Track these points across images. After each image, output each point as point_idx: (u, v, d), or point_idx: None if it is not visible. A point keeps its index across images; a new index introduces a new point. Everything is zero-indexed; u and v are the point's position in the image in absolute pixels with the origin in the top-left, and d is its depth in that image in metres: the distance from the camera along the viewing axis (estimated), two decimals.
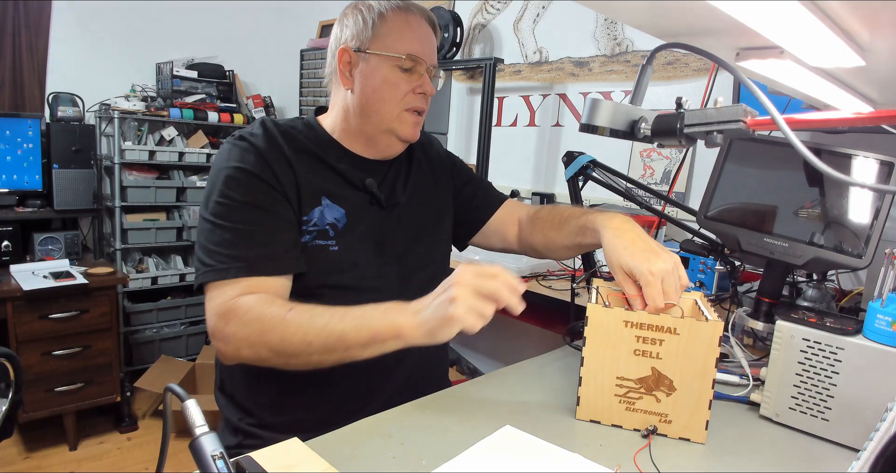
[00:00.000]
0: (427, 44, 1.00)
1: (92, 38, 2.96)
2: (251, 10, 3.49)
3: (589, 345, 0.82)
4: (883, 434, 0.59)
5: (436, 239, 1.13)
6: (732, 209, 1.08)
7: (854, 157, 0.97)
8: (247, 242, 0.88)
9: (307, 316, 0.81)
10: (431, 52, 1.01)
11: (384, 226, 1.03)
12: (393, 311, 0.79)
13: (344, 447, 0.74)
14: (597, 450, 0.77)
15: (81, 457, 2.34)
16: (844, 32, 0.62)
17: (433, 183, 1.15)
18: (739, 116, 0.64)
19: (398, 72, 0.97)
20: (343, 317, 0.79)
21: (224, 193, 0.91)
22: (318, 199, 0.97)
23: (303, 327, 0.80)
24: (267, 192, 0.92)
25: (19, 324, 2.15)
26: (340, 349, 0.79)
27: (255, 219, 0.90)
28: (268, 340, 0.81)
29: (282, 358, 0.83)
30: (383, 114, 0.99)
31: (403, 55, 0.96)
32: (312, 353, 0.81)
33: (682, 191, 1.99)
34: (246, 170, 0.92)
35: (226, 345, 0.85)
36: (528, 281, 1.75)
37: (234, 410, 1.00)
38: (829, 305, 1.21)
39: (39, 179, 2.58)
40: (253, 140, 0.95)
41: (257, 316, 0.82)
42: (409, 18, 0.99)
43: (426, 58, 0.99)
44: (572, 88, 2.31)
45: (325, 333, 0.79)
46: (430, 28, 1.02)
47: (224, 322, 0.84)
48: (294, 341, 0.80)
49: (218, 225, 0.89)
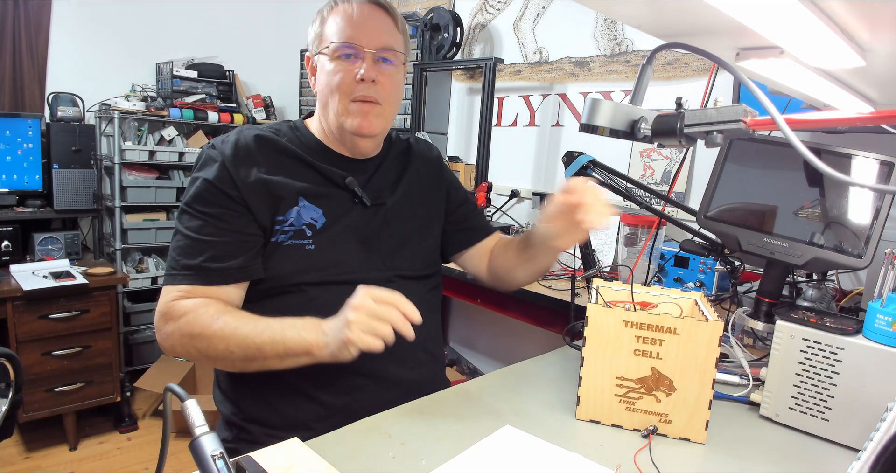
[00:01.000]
0: (364, 28, 0.97)
1: (92, 38, 2.96)
2: (251, 10, 3.49)
3: (589, 345, 0.82)
4: (883, 434, 0.59)
5: (423, 245, 1.12)
6: (732, 209, 1.08)
7: (854, 157, 0.97)
8: (196, 252, 0.93)
9: (232, 328, 0.86)
10: (371, 36, 0.97)
11: (369, 225, 1.04)
12: (306, 330, 0.84)
13: (344, 447, 0.74)
14: (597, 450, 0.77)
15: (81, 457, 2.34)
16: (844, 32, 0.62)
17: (426, 191, 1.16)
18: (739, 116, 0.64)
19: (337, 62, 0.97)
20: (262, 331, 0.85)
21: (188, 202, 0.96)
22: (295, 200, 0.98)
23: (226, 337, 0.86)
24: (225, 204, 0.95)
25: (19, 324, 2.15)
26: (259, 359, 0.86)
27: (210, 230, 0.94)
28: (196, 344, 0.88)
29: (209, 361, 0.90)
30: (332, 109, 0.99)
31: (333, 43, 0.96)
32: (235, 361, 0.87)
33: (682, 191, 1.99)
34: (208, 181, 0.95)
35: (163, 342, 0.92)
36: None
37: (228, 405, 1.03)
38: (829, 305, 1.21)
39: (39, 179, 2.58)
40: (221, 148, 0.98)
41: (189, 320, 0.88)
42: (344, 7, 0.98)
43: (361, 42, 0.96)
44: (572, 88, 2.31)
45: (245, 345, 0.85)
46: (372, 11, 0.98)
47: (163, 321, 0.91)
48: (218, 349, 0.87)
49: (178, 230, 0.96)
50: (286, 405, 0.97)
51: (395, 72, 1.01)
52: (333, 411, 0.94)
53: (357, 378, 0.97)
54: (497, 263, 1.19)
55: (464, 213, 1.22)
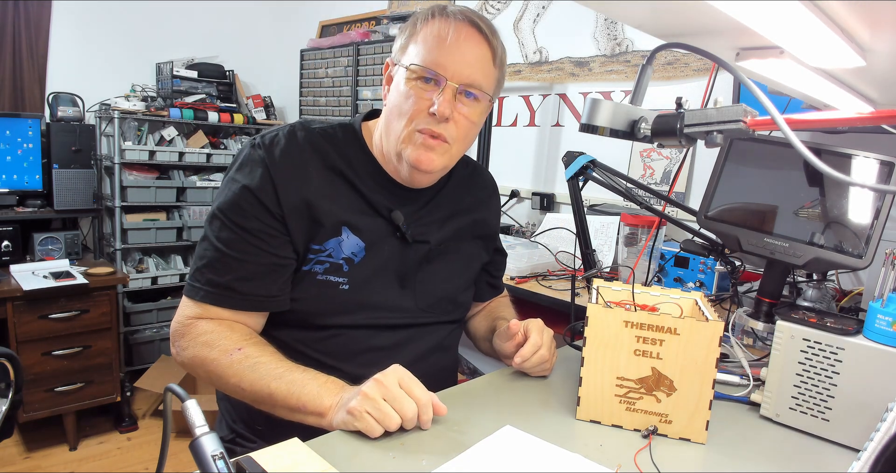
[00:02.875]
0: (454, 55, 0.86)
1: (92, 38, 2.96)
2: (251, 10, 3.49)
3: (589, 345, 0.82)
4: (883, 434, 0.59)
5: (461, 286, 1.07)
6: (732, 209, 1.08)
7: (854, 157, 0.97)
8: (223, 269, 0.87)
9: (249, 364, 0.82)
10: (460, 67, 0.86)
11: (406, 262, 0.97)
12: (326, 390, 0.79)
13: (344, 447, 0.74)
14: (597, 450, 0.77)
15: (81, 457, 2.34)
16: (844, 32, 0.62)
17: (478, 228, 1.09)
18: (739, 116, 0.64)
19: (413, 83, 0.87)
20: (280, 377, 0.80)
21: (222, 208, 0.88)
22: (339, 229, 0.90)
23: (239, 373, 0.82)
24: (263, 219, 0.87)
25: (19, 324, 2.15)
26: (268, 405, 0.82)
27: (242, 246, 0.87)
28: (207, 371, 0.85)
29: (217, 387, 0.89)
30: (394, 131, 0.90)
31: (415, 64, 0.86)
32: (244, 398, 0.84)
33: (682, 191, 1.99)
34: (248, 190, 0.87)
35: (176, 357, 0.90)
36: (528, 281, 1.75)
37: (231, 409, 1.02)
38: (829, 305, 1.21)
39: (39, 179, 2.58)
40: (270, 150, 0.89)
41: (207, 342, 0.84)
42: (440, 25, 0.86)
43: (447, 71, 0.85)
44: (572, 88, 2.31)
45: (258, 387, 0.80)
46: (470, 36, 0.87)
47: (180, 336, 0.88)
48: (229, 383, 0.83)
49: (207, 237, 0.89)
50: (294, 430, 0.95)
51: (476, 110, 0.91)
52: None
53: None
54: (473, 323, 1.19)
55: (495, 265, 1.19)
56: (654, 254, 1.55)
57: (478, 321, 1.19)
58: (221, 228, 0.88)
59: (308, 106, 3.23)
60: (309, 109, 3.23)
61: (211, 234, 0.88)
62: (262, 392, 0.80)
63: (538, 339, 0.94)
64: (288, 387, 0.79)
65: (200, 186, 2.95)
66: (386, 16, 2.84)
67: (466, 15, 0.88)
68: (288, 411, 0.80)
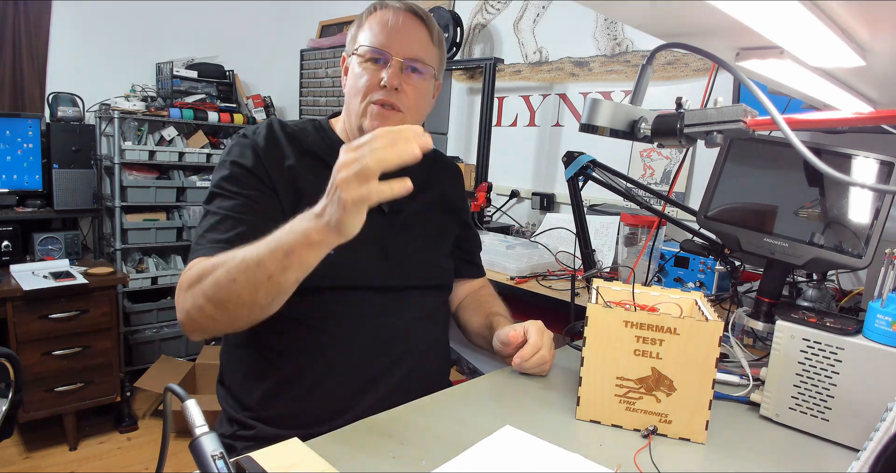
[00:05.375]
0: (396, 36, 0.99)
1: (92, 38, 2.96)
2: (251, 10, 3.49)
3: (589, 345, 0.82)
4: (883, 434, 0.59)
5: (440, 253, 1.13)
6: (732, 209, 1.08)
7: (854, 157, 0.97)
8: (226, 227, 0.92)
9: (231, 256, 0.81)
10: (402, 45, 0.99)
11: (385, 231, 1.04)
12: (297, 223, 0.76)
13: (344, 447, 0.74)
14: (597, 450, 0.77)
15: (81, 457, 2.34)
16: (844, 32, 0.62)
17: (446, 200, 1.17)
18: (739, 116, 0.64)
19: (365, 66, 0.99)
20: (258, 246, 0.78)
21: (219, 184, 0.96)
22: (316, 201, 0.94)
23: (226, 265, 0.80)
24: (258, 187, 0.96)
25: (19, 324, 2.15)
26: (263, 278, 0.77)
27: (243, 209, 0.93)
28: (204, 288, 0.81)
29: (219, 308, 0.81)
30: (353, 109, 1.01)
31: (363, 46, 0.98)
32: (241, 292, 0.79)
33: (682, 191, 1.99)
34: (241, 165, 0.96)
35: (181, 312, 0.86)
36: (528, 281, 1.75)
37: (231, 401, 1.02)
38: (829, 305, 1.21)
39: (39, 179, 2.58)
40: (254, 137, 1.00)
41: (199, 268, 0.85)
42: (381, 14, 1.00)
43: (391, 49, 0.98)
44: (572, 88, 2.31)
45: (245, 265, 0.78)
46: (408, 20, 1.00)
47: (182, 290, 0.86)
48: (222, 282, 0.79)
49: (208, 211, 0.95)
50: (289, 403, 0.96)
51: (422, 82, 1.02)
52: (336, 413, 0.94)
53: (364, 383, 0.97)
54: (464, 316, 1.21)
55: (467, 239, 1.24)
56: (654, 254, 1.55)
57: (468, 314, 1.21)
58: (222, 200, 0.95)
59: (308, 106, 3.23)
60: (309, 109, 3.23)
61: (211, 207, 0.95)
62: (251, 267, 0.77)
63: (538, 341, 0.98)
64: (268, 247, 0.77)
65: (200, 186, 2.95)
66: None
67: (405, 3, 1.02)
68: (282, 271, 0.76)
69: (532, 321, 1.02)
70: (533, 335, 0.98)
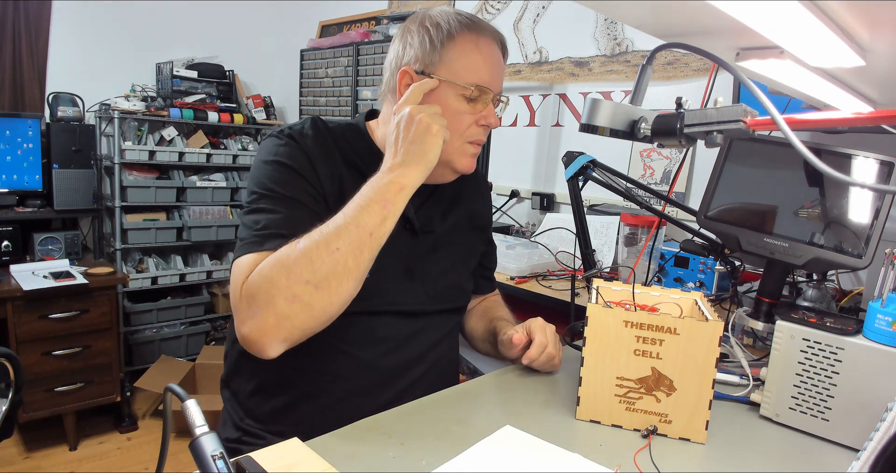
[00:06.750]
0: (496, 71, 0.94)
1: (92, 38, 2.96)
2: (251, 10, 3.49)
3: (589, 345, 0.82)
4: (883, 434, 0.59)
5: (463, 275, 1.11)
6: (732, 209, 1.08)
7: (854, 157, 0.97)
8: (285, 226, 0.85)
9: (316, 235, 0.78)
10: (499, 80, 0.95)
11: (414, 252, 1.00)
12: (374, 181, 0.82)
13: (344, 447, 0.74)
14: (597, 450, 0.77)
15: (81, 457, 2.34)
16: (844, 32, 0.62)
17: (475, 217, 1.14)
18: (739, 116, 0.64)
19: (464, 102, 0.92)
20: (343, 214, 0.80)
21: (265, 186, 0.88)
22: None
23: (317, 241, 0.77)
24: (309, 191, 0.89)
25: (19, 324, 2.15)
26: (366, 236, 0.78)
27: (294, 214, 0.87)
28: (299, 274, 0.76)
29: (319, 288, 0.77)
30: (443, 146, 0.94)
31: (472, 85, 0.91)
32: (346, 259, 0.77)
33: (682, 191, 1.99)
34: (289, 167, 0.89)
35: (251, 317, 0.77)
36: (528, 281, 1.75)
37: (237, 407, 1.01)
38: (829, 305, 1.21)
39: (39, 179, 2.58)
40: (302, 140, 0.92)
41: (274, 261, 0.78)
42: (479, 42, 0.92)
43: (493, 87, 0.93)
44: (572, 88, 2.31)
45: (344, 230, 0.77)
46: (500, 51, 0.96)
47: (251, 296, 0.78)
48: (322, 256, 0.76)
49: (256, 209, 0.87)
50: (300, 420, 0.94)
51: None
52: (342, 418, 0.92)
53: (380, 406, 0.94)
54: (470, 323, 1.20)
55: (488, 257, 1.22)
56: (654, 254, 1.55)
57: (474, 321, 1.20)
58: (269, 200, 0.88)
59: (308, 106, 3.23)
60: (309, 109, 3.23)
61: (262, 205, 0.88)
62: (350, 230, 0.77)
63: (542, 338, 0.98)
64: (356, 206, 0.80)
65: (200, 186, 2.95)
66: (386, 16, 2.85)
67: (495, 32, 0.96)
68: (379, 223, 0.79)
69: (532, 319, 1.01)
70: (537, 334, 0.98)
